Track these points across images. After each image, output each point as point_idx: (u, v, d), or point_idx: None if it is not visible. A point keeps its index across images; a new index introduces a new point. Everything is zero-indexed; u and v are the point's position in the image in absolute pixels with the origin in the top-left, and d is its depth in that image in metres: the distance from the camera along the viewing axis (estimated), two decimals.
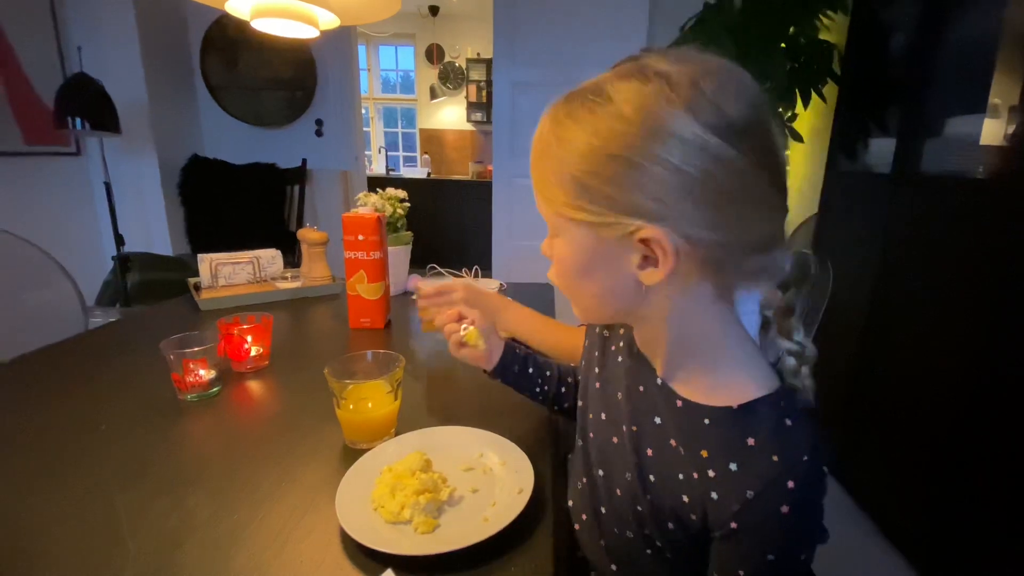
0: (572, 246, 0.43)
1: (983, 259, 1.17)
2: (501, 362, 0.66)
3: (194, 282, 1.23)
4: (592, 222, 0.40)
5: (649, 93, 0.37)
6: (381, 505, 0.50)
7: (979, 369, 1.16)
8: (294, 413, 0.73)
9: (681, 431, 0.44)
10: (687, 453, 0.43)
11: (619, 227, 0.39)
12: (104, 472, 0.58)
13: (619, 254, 0.41)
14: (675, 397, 0.45)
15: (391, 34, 5.24)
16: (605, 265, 0.42)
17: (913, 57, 1.49)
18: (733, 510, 0.39)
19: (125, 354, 0.92)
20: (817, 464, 0.38)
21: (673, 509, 0.43)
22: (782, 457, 0.38)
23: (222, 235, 2.67)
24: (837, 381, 1.68)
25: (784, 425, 0.40)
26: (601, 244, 0.41)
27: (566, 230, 0.43)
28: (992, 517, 1.12)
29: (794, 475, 0.37)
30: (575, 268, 0.44)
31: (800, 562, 0.40)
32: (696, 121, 0.35)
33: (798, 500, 0.37)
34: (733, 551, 0.41)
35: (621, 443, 0.49)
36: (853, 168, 1.76)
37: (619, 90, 0.38)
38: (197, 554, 0.46)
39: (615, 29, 2.45)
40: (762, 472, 0.38)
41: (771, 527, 0.38)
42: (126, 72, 2.45)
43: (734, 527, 0.39)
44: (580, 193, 0.40)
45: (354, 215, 1.00)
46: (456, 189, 4.71)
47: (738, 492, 0.38)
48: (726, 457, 0.40)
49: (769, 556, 0.39)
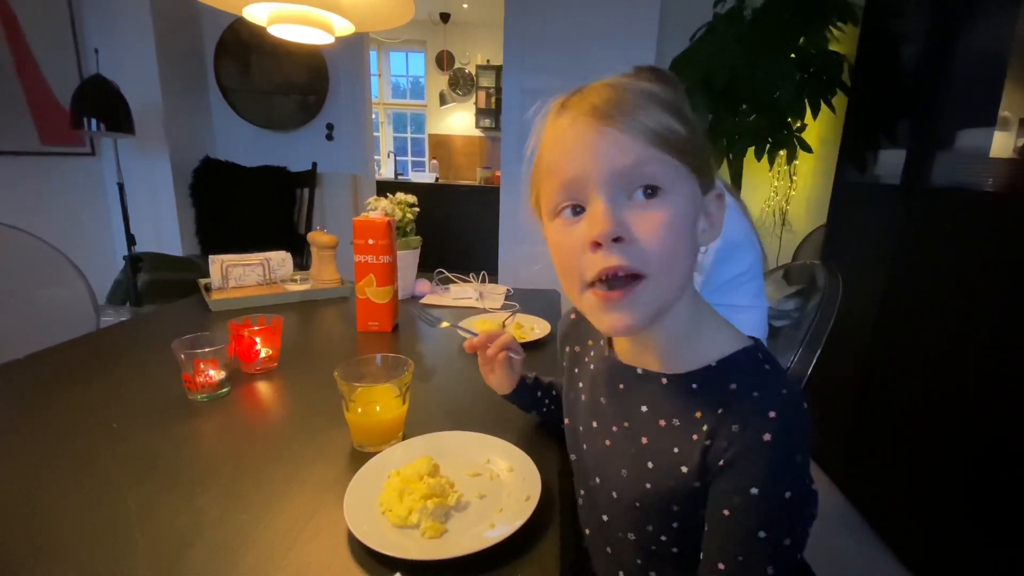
0: (685, 197, 0.41)
1: (992, 272, 1.16)
2: (516, 390, 0.69)
3: (204, 283, 1.24)
4: (698, 167, 0.42)
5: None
6: (389, 509, 0.50)
7: (986, 381, 1.15)
8: (302, 415, 0.74)
9: (672, 405, 0.45)
10: (682, 422, 0.44)
11: (711, 180, 0.44)
12: (115, 469, 0.58)
13: (698, 213, 0.43)
14: (659, 378, 0.46)
15: (402, 40, 5.29)
16: (695, 226, 0.43)
17: (923, 69, 1.49)
18: (723, 447, 0.40)
19: (136, 353, 0.93)
20: (797, 399, 0.40)
21: (676, 486, 0.44)
22: (762, 392, 0.41)
23: (232, 237, 2.69)
24: (845, 391, 1.67)
25: (763, 369, 0.43)
26: (699, 196, 0.43)
27: (679, 179, 0.41)
28: (995, 529, 1.11)
29: (774, 406, 0.39)
30: (683, 227, 0.41)
31: (785, 502, 0.39)
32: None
33: (779, 428, 0.39)
34: (721, 490, 0.41)
35: (615, 444, 0.50)
36: (862, 179, 1.76)
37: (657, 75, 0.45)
38: (206, 553, 0.46)
39: (625, 37, 2.46)
40: (745, 407, 0.40)
41: (754, 456, 0.39)
42: (141, 74, 2.48)
43: (722, 464, 0.40)
44: (689, 139, 0.42)
45: (364, 219, 1.00)
46: (464, 194, 4.73)
47: (726, 430, 0.40)
48: (715, 407, 0.42)
49: (753, 489, 0.39)
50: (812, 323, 0.85)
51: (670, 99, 0.42)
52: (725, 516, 0.40)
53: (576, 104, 0.42)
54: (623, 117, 0.40)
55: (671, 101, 0.42)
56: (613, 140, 0.40)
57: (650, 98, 0.41)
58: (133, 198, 2.41)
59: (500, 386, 0.68)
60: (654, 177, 0.40)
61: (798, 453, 0.39)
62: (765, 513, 0.39)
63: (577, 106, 0.42)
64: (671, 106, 0.42)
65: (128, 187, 2.33)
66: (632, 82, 0.43)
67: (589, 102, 0.41)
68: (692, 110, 0.44)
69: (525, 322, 1.11)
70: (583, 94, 0.42)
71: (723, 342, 0.45)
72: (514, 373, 0.67)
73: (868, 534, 1.51)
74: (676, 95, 0.43)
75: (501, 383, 0.68)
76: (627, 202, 0.40)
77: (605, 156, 0.40)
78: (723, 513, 0.40)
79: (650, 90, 0.42)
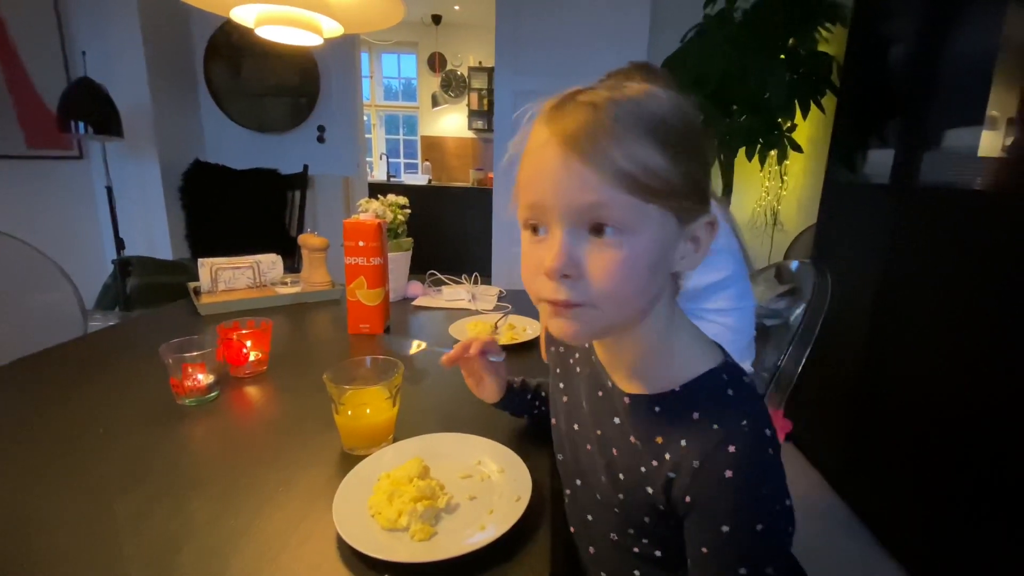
0: (654, 237, 0.39)
1: (982, 269, 1.17)
2: (504, 398, 0.69)
3: (194, 286, 1.23)
4: (680, 207, 0.39)
5: (672, 94, 0.40)
6: (378, 512, 0.50)
7: (979, 379, 1.16)
8: (292, 418, 0.73)
9: (636, 425, 0.45)
10: (645, 445, 0.44)
11: (696, 212, 0.40)
12: (103, 475, 0.58)
13: (676, 244, 0.41)
14: (622, 395, 0.46)
15: (394, 42, 5.28)
16: (666, 260, 0.41)
17: (911, 69, 1.51)
18: (686, 483, 0.39)
19: (124, 358, 0.92)
20: (758, 430, 0.39)
21: (644, 503, 0.44)
22: (721, 424, 0.39)
23: (223, 240, 2.67)
24: (837, 391, 1.68)
25: (726, 395, 0.42)
26: (678, 231, 0.40)
27: (650, 219, 0.38)
28: (991, 528, 1.12)
29: (734, 440, 0.38)
30: (649, 265, 0.39)
31: (757, 534, 0.38)
32: (682, 119, 0.40)
33: (741, 464, 0.38)
34: (694, 528, 0.41)
35: (593, 449, 0.50)
36: (852, 179, 1.77)
37: (659, 90, 0.40)
38: (195, 559, 0.46)
39: (616, 39, 2.47)
40: (705, 441, 0.39)
41: (718, 495, 0.38)
42: (130, 77, 2.46)
43: (688, 501, 0.40)
44: (675, 176, 0.38)
45: (355, 221, 1.00)
46: (457, 196, 4.73)
47: (688, 465, 0.39)
48: (678, 436, 0.41)
49: (723, 527, 0.38)
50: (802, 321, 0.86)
51: (659, 117, 0.38)
52: (704, 553, 0.40)
53: (555, 121, 0.39)
54: (593, 151, 0.37)
55: (660, 121, 0.38)
56: (579, 175, 0.37)
57: (632, 126, 0.37)
58: (122, 202, 2.39)
59: (489, 394, 0.68)
60: (616, 220, 0.38)
61: (764, 484, 0.39)
62: (740, 549, 0.39)
63: (554, 125, 0.39)
64: (657, 131, 0.37)
65: (117, 190, 2.31)
66: (616, 102, 0.38)
67: (563, 125, 0.38)
68: (690, 110, 0.40)
69: (518, 323, 1.11)
70: (564, 111, 0.39)
71: (691, 362, 0.44)
72: (499, 378, 0.67)
73: (862, 532, 1.52)
74: (669, 104, 0.39)
75: (489, 391, 0.67)
76: (586, 236, 0.39)
77: (568, 191, 0.38)
78: (701, 551, 0.40)
79: (635, 113, 0.38)
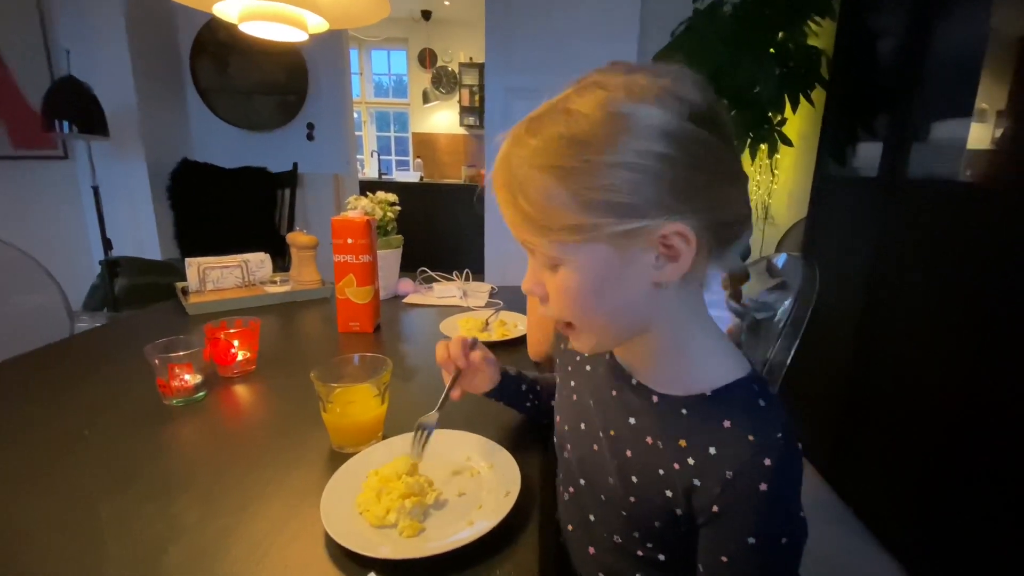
0: (584, 270, 0.40)
1: (972, 263, 1.18)
2: (499, 385, 0.67)
3: (182, 286, 1.22)
4: (613, 234, 0.38)
5: (617, 99, 0.37)
6: (366, 509, 0.50)
7: (969, 371, 1.17)
8: (281, 418, 0.73)
9: (659, 426, 0.44)
10: (666, 447, 0.43)
11: (644, 231, 0.38)
12: (87, 478, 0.57)
13: (635, 260, 0.39)
14: (650, 394, 0.45)
15: (383, 39, 5.25)
16: (621, 278, 0.40)
17: (900, 62, 1.51)
18: (715, 493, 0.39)
19: (110, 359, 0.91)
20: (792, 443, 0.39)
21: (659, 507, 0.43)
22: (757, 436, 0.39)
23: (212, 239, 2.65)
24: (826, 384, 1.70)
25: (758, 406, 0.41)
26: (619, 255, 0.39)
27: (574, 255, 0.40)
28: (982, 519, 1.13)
29: (770, 453, 0.38)
30: (589, 292, 0.41)
31: (781, 547, 0.39)
32: (669, 112, 0.37)
33: (775, 478, 0.38)
34: (715, 536, 0.41)
35: (601, 450, 0.49)
36: (841, 172, 1.78)
37: (585, 102, 0.38)
38: (182, 560, 0.46)
39: (606, 35, 2.47)
40: (739, 452, 0.39)
41: (750, 507, 0.38)
42: (115, 75, 2.43)
43: (716, 511, 0.39)
44: (594, 209, 0.37)
45: (343, 218, 0.99)
46: (449, 193, 4.71)
47: (718, 474, 0.39)
48: (705, 442, 0.40)
49: (750, 539, 0.38)
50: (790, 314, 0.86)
51: (576, 146, 0.37)
52: (723, 562, 0.40)
53: (495, 167, 0.42)
54: (511, 200, 0.40)
55: (570, 152, 0.37)
56: (509, 217, 0.42)
57: (535, 167, 0.38)
58: (109, 202, 2.36)
59: (481, 384, 0.66)
60: (543, 256, 0.42)
61: (793, 499, 0.39)
62: (763, 561, 0.39)
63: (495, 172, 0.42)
64: (562, 167, 0.38)
65: (104, 191, 2.28)
66: (523, 147, 0.39)
67: (496, 173, 0.42)
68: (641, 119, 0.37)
69: (508, 319, 1.11)
70: (497, 163, 0.42)
71: (717, 368, 0.43)
72: (491, 364, 0.64)
73: (851, 521, 1.54)
74: (594, 122, 0.37)
75: (481, 381, 0.65)
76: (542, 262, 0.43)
77: (512, 227, 0.42)
78: (721, 559, 0.40)
79: (540, 151, 0.38)
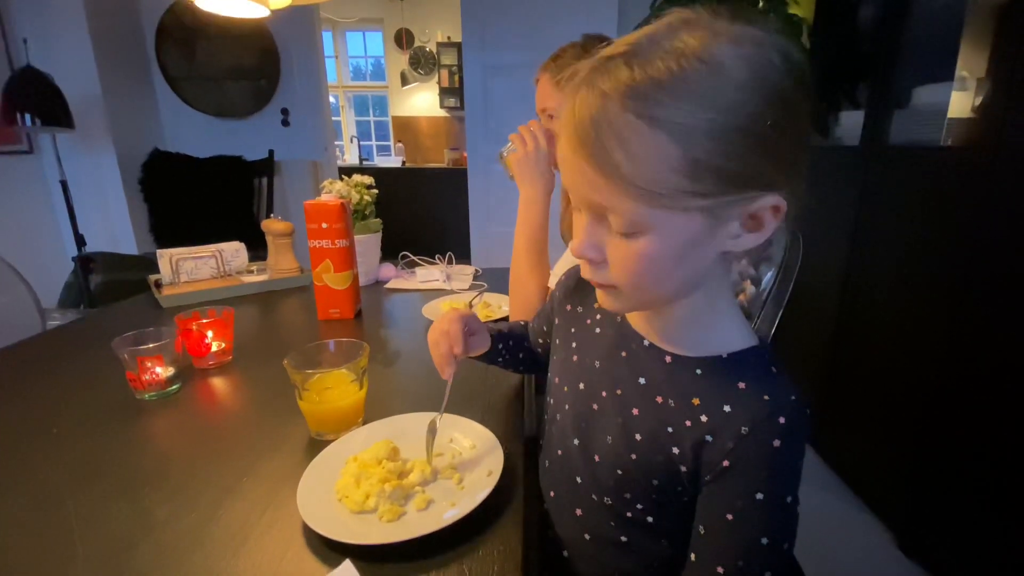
0: (669, 239, 0.37)
1: (952, 229, 1.18)
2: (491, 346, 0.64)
3: (155, 279, 1.19)
4: (709, 206, 0.36)
5: (751, 56, 0.35)
6: (346, 495, 0.49)
7: (951, 339, 1.18)
8: (258, 408, 0.71)
9: (670, 385, 0.44)
10: (678, 404, 0.43)
11: (742, 202, 0.36)
12: (55, 477, 0.55)
13: (720, 229, 0.38)
14: (663, 355, 0.45)
15: (358, 19, 5.10)
16: (701, 247, 0.38)
17: (880, 30, 1.50)
18: (728, 448, 0.39)
19: (80, 355, 0.88)
20: (804, 408, 0.40)
21: (662, 463, 0.43)
22: (772, 396, 0.40)
23: (189, 231, 2.57)
24: (811, 352, 1.71)
25: (771, 372, 0.42)
26: (709, 225, 0.37)
27: (664, 223, 0.37)
28: (968, 484, 1.16)
29: (784, 412, 0.39)
30: (668, 261, 0.39)
31: (786, 506, 0.39)
32: (789, 77, 0.35)
33: (788, 436, 0.39)
34: (722, 492, 0.41)
35: (602, 409, 0.49)
36: (823, 141, 1.78)
37: (724, 54, 0.34)
38: (151, 556, 0.44)
39: (585, 7, 2.42)
40: (755, 410, 0.39)
41: (763, 462, 0.39)
42: (77, 64, 2.34)
43: (726, 465, 0.39)
44: (704, 175, 0.35)
45: (316, 202, 0.96)
46: (432, 177, 4.64)
47: (732, 430, 0.39)
48: (719, 401, 0.41)
49: (758, 495, 0.39)
50: (773, 283, 0.86)
51: (694, 103, 0.33)
52: (728, 520, 0.40)
53: (568, 107, 0.37)
54: (596, 151, 0.35)
55: (692, 109, 0.33)
56: (586, 175, 0.37)
57: (648, 121, 0.34)
58: (79, 196, 2.29)
59: (478, 352, 0.62)
60: (626, 224, 0.37)
61: (800, 459, 0.40)
62: (768, 519, 0.39)
63: (575, 101, 0.37)
64: (683, 124, 0.34)
65: (72, 185, 2.21)
66: (633, 89, 0.34)
67: (578, 109, 0.36)
68: (766, 78, 0.34)
69: (492, 300, 1.10)
70: (577, 99, 0.36)
71: (734, 333, 0.44)
72: (483, 331, 0.62)
73: (836, 483, 1.57)
74: (721, 79, 0.34)
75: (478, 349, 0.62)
76: (607, 227, 0.39)
77: (580, 186, 0.38)
78: (726, 517, 0.40)
79: (656, 102, 0.34)
